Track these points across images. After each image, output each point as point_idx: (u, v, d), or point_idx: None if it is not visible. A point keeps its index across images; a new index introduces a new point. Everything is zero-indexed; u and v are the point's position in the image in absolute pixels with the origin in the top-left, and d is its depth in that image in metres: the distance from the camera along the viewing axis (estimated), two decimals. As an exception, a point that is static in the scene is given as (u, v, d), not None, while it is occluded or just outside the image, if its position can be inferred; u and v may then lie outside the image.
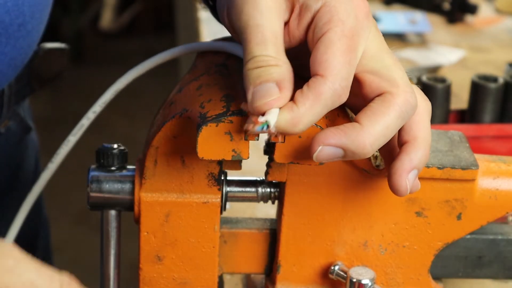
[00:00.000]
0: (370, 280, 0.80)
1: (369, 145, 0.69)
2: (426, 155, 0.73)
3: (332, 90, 0.68)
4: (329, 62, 0.69)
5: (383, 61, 0.72)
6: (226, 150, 0.72)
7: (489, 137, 1.22)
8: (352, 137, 0.69)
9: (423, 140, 0.73)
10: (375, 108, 0.70)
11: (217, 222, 0.81)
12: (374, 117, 0.70)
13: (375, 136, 0.69)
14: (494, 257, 0.87)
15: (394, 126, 0.70)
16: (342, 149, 0.69)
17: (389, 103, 0.70)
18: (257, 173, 0.86)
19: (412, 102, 0.71)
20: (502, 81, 1.25)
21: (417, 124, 0.73)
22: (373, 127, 0.69)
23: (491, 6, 1.92)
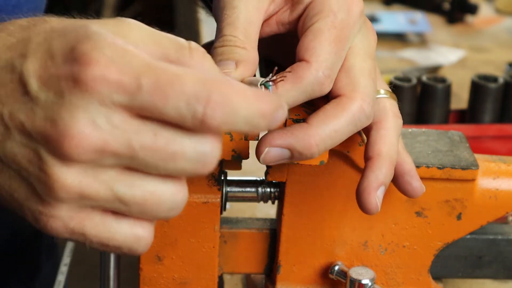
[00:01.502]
0: (370, 280, 0.80)
1: (316, 145, 0.68)
2: (390, 170, 0.72)
3: (314, 76, 0.69)
4: (315, 49, 0.69)
5: (361, 63, 0.72)
6: (226, 150, 0.72)
7: (489, 137, 1.22)
8: (299, 137, 0.68)
9: (387, 156, 0.72)
10: (327, 110, 0.70)
11: (217, 222, 0.81)
12: (324, 119, 0.69)
13: (321, 137, 0.68)
14: (494, 257, 0.87)
15: (344, 131, 0.69)
16: (288, 150, 0.69)
17: (342, 108, 0.70)
18: (257, 173, 0.86)
19: (366, 112, 0.70)
20: (502, 81, 1.25)
21: (382, 139, 0.73)
22: (321, 128, 0.69)
23: (491, 6, 1.92)
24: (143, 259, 0.82)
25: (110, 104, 0.56)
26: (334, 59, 0.70)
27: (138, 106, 0.56)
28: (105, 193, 0.58)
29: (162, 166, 0.57)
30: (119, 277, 0.82)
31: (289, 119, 0.72)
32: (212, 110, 0.55)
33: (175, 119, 0.56)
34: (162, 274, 0.82)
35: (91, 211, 0.59)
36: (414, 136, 0.84)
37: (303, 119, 0.72)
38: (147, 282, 0.82)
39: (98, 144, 0.56)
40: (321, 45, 0.69)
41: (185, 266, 0.82)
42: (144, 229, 0.61)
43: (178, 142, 0.57)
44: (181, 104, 0.55)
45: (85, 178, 0.57)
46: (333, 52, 0.70)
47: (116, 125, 0.56)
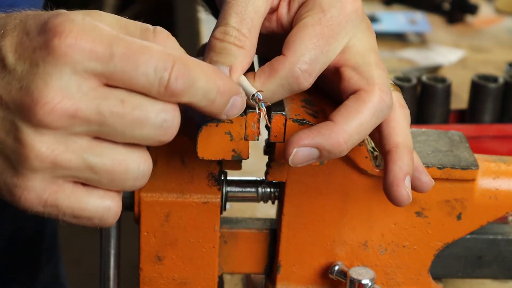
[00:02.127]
0: (370, 280, 0.80)
1: (344, 142, 0.69)
2: (411, 159, 0.73)
3: (289, 70, 0.69)
4: (293, 43, 0.69)
5: (366, 58, 0.72)
6: (226, 150, 0.72)
7: (489, 137, 1.22)
8: (326, 136, 0.69)
9: (404, 145, 0.72)
10: (349, 106, 0.70)
11: (217, 222, 0.81)
12: (348, 115, 0.69)
13: (349, 133, 0.69)
14: (494, 257, 0.87)
15: (369, 124, 0.70)
16: (317, 149, 0.69)
17: (363, 101, 0.70)
18: (257, 173, 0.86)
19: (387, 101, 0.70)
20: (502, 81, 1.25)
21: (395, 130, 0.73)
22: (346, 124, 0.69)
23: (491, 6, 1.92)
24: (143, 259, 0.82)
25: (82, 72, 0.60)
26: (314, 55, 0.69)
27: (109, 73, 0.61)
28: (76, 161, 0.62)
29: (128, 133, 0.62)
30: (119, 277, 0.82)
31: (289, 119, 0.72)
32: (175, 78, 0.61)
33: (143, 86, 0.61)
34: (162, 274, 0.82)
35: (63, 183, 0.63)
36: (414, 136, 0.84)
37: (303, 120, 0.72)
38: (147, 282, 0.82)
39: (70, 110, 0.60)
40: (301, 40, 0.69)
41: (185, 266, 0.82)
42: (113, 200, 0.65)
43: (143, 108, 0.61)
44: (149, 71, 0.61)
45: (58, 146, 0.61)
46: (312, 47, 0.69)
47: (86, 92, 0.60)
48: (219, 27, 0.70)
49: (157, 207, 0.80)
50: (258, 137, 0.73)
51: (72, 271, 2.42)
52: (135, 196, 0.80)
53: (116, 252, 0.82)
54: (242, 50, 0.70)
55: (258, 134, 0.72)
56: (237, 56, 0.69)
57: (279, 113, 0.72)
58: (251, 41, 0.70)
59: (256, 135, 0.72)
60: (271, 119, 0.72)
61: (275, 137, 0.73)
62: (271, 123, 0.72)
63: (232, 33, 0.70)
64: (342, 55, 0.72)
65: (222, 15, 0.71)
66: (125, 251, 0.86)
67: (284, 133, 0.73)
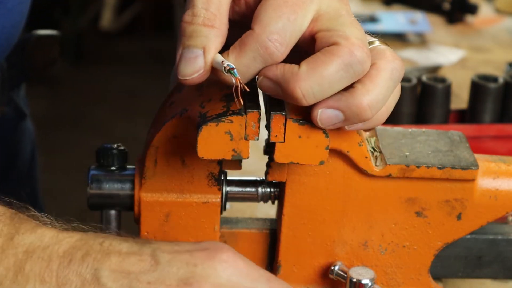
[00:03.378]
0: (370, 280, 0.80)
1: (301, 93, 0.68)
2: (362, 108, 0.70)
3: (257, 41, 0.68)
4: (259, 16, 0.69)
5: (339, 20, 0.71)
6: (226, 150, 0.72)
7: (489, 137, 1.22)
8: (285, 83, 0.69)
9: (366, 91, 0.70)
10: (317, 56, 0.69)
11: (217, 222, 0.81)
12: (313, 65, 0.69)
13: (309, 84, 0.68)
14: (494, 257, 0.87)
15: (334, 77, 0.69)
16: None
17: (331, 53, 0.69)
18: (257, 173, 0.86)
19: (358, 56, 0.69)
20: (502, 81, 1.25)
21: (370, 77, 0.71)
22: (308, 74, 0.68)
23: (491, 6, 1.92)
24: (143, 259, 0.81)
25: None
26: (280, 24, 0.69)
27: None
28: None
29: None
30: (119, 277, 0.82)
31: (289, 119, 0.72)
32: None
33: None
34: (162, 274, 0.82)
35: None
36: (414, 136, 0.84)
37: (303, 119, 0.72)
38: (147, 282, 0.82)
39: None
40: (265, 11, 0.69)
41: (185, 266, 0.82)
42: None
43: None
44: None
45: None
46: (278, 16, 0.69)
47: None
48: (187, 11, 0.70)
49: (157, 207, 0.80)
50: (258, 137, 0.73)
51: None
52: (135, 196, 0.80)
53: (116, 252, 0.81)
54: (213, 30, 0.70)
55: (257, 133, 0.72)
56: (209, 36, 0.69)
57: (279, 113, 0.72)
58: (221, 19, 0.70)
59: (256, 135, 0.72)
60: (272, 119, 0.72)
61: (275, 137, 0.73)
62: (272, 123, 0.72)
63: (200, 13, 0.70)
64: (315, 23, 0.71)
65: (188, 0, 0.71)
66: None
67: (284, 133, 0.73)
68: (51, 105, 3.93)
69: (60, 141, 3.52)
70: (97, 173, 0.81)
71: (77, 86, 4.10)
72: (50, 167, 3.23)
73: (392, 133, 0.83)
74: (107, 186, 0.81)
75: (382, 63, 0.71)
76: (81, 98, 3.96)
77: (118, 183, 0.81)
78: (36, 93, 3.86)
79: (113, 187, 0.81)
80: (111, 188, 0.81)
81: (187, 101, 0.77)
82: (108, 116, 3.80)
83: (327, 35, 0.70)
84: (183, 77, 0.70)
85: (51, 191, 3.13)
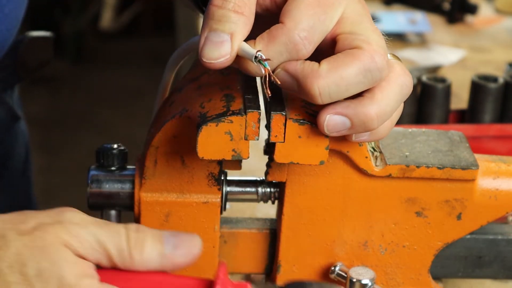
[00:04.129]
0: (370, 280, 0.80)
1: (318, 90, 0.68)
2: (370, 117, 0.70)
3: (287, 36, 0.68)
4: (290, 11, 0.69)
5: (362, 25, 0.72)
6: (226, 150, 0.72)
7: (489, 137, 1.22)
8: (303, 80, 0.69)
9: (376, 100, 0.70)
10: (338, 57, 0.69)
11: (217, 222, 0.81)
12: (334, 64, 0.69)
13: (327, 82, 0.68)
14: (494, 257, 0.87)
15: (353, 80, 0.69)
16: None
17: (352, 56, 0.69)
18: (257, 173, 0.86)
19: (378, 63, 0.69)
20: (502, 81, 1.25)
21: (380, 88, 0.71)
22: (328, 73, 0.68)
23: (491, 6, 1.92)
24: (143, 259, 0.81)
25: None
26: (311, 22, 0.69)
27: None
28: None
29: None
30: (119, 277, 0.82)
31: (289, 119, 0.72)
32: None
33: None
34: (162, 274, 0.82)
35: None
36: (414, 136, 0.84)
37: (303, 119, 0.72)
38: (147, 282, 0.82)
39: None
40: (298, 8, 0.69)
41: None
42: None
43: None
44: None
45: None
46: (310, 15, 0.69)
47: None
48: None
49: (157, 207, 0.80)
50: (258, 137, 0.73)
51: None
52: (135, 196, 0.80)
53: (116, 252, 0.81)
54: (242, 17, 0.69)
55: (257, 132, 0.72)
56: (238, 23, 0.69)
57: (279, 113, 0.72)
58: (250, 8, 0.70)
59: (256, 135, 0.72)
60: (272, 119, 0.72)
61: (275, 137, 0.73)
62: (272, 123, 0.72)
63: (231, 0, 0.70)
64: (338, 25, 0.71)
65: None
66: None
67: (284, 133, 0.73)
68: (51, 105, 3.93)
69: (60, 141, 3.52)
70: (97, 173, 0.81)
71: (77, 86, 4.10)
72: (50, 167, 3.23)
73: (392, 133, 0.83)
74: (107, 186, 0.81)
75: (393, 76, 0.72)
76: (81, 98, 3.96)
77: (118, 183, 0.81)
78: (36, 93, 3.86)
79: (113, 187, 0.81)
80: (111, 188, 0.81)
81: (187, 101, 0.77)
82: (108, 116, 3.80)
83: (349, 38, 0.70)
84: (208, 60, 0.69)
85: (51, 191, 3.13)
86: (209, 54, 0.69)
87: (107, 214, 0.82)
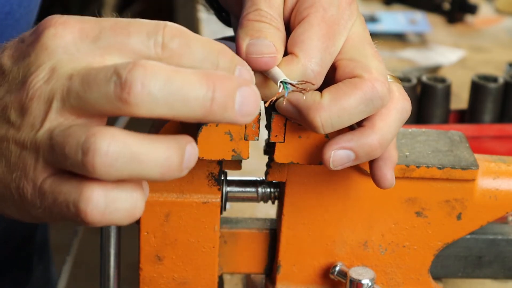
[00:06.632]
0: (370, 280, 0.80)
1: (320, 121, 0.68)
2: (373, 144, 0.70)
3: (301, 71, 0.68)
4: (305, 43, 0.69)
5: (362, 50, 0.71)
6: (226, 150, 0.72)
7: (489, 137, 1.22)
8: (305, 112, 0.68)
9: (378, 129, 0.70)
10: (339, 87, 0.69)
11: (217, 222, 0.81)
12: (336, 95, 0.68)
13: (329, 114, 0.68)
14: (494, 257, 0.87)
15: (355, 110, 0.69)
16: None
17: (354, 86, 0.69)
18: (257, 173, 0.86)
19: (380, 91, 0.69)
20: (502, 81, 1.25)
21: (380, 116, 0.71)
22: (329, 105, 0.68)
23: (491, 6, 1.92)
24: (143, 259, 0.82)
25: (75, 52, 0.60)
26: (323, 56, 0.69)
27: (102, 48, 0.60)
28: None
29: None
30: (119, 277, 0.82)
31: (289, 119, 0.72)
32: (170, 38, 0.59)
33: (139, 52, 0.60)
34: (162, 274, 0.82)
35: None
36: (414, 136, 0.84)
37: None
38: (147, 282, 0.82)
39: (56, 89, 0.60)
40: (311, 40, 0.69)
41: (185, 266, 0.82)
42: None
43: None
44: (142, 36, 0.59)
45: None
46: (323, 49, 0.69)
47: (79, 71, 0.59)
48: (251, 12, 0.70)
49: (157, 207, 0.80)
50: (258, 137, 0.73)
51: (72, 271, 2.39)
52: (135, 196, 0.80)
53: (116, 252, 0.82)
54: (279, 32, 0.69)
55: (257, 132, 0.72)
56: (278, 35, 0.69)
57: (279, 113, 0.72)
58: (282, 24, 0.70)
59: (256, 135, 0.72)
60: (272, 119, 0.72)
61: (275, 137, 0.73)
62: (272, 123, 0.72)
63: (267, 15, 0.69)
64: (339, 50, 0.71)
65: (248, 2, 0.70)
66: (125, 251, 0.86)
67: (284, 133, 0.73)
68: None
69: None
70: (97, 173, 0.81)
71: (77, 86, 4.09)
72: (50, 167, 3.22)
73: (392, 133, 0.83)
74: (107, 186, 0.81)
75: (393, 103, 0.71)
76: (81, 98, 3.95)
77: (118, 183, 0.81)
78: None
79: (113, 187, 0.81)
80: (111, 188, 0.81)
81: (187, 101, 0.77)
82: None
83: (350, 66, 0.70)
84: (256, 54, 0.68)
85: (51, 191, 3.12)
86: (257, 49, 0.68)
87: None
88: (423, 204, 0.82)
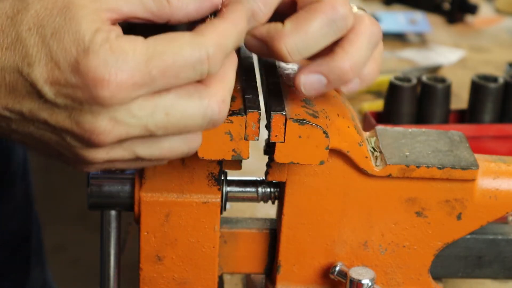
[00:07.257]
0: (370, 280, 0.80)
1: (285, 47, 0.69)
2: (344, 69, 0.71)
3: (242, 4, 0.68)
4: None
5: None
6: (226, 150, 0.72)
7: (489, 137, 1.22)
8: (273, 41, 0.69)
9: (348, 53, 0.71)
10: (300, 13, 0.70)
11: (217, 222, 0.81)
12: (297, 21, 0.69)
13: (294, 40, 0.69)
14: (494, 257, 0.87)
15: (319, 33, 0.69)
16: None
17: (314, 10, 0.69)
18: (257, 173, 0.86)
19: (341, 11, 0.69)
20: (502, 81, 1.25)
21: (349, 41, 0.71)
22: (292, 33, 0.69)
23: (491, 6, 1.92)
24: (143, 259, 0.82)
25: (129, 101, 0.62)
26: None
27: (155, 90, 0.63)
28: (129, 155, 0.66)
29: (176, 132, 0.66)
30: (119, 277, 0.82)
31: (289, 119, 0.72)
32: (213, 65, 0.63)
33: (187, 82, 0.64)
34: (162, 274, 0.82)
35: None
36: (414, 136, 0.84)
37: (303, 119, 0.72)
38: (147, 282, 0.82)
39: (121, 135, 0.64)
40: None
41: (185, 266, 0.82)
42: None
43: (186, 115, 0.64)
44: (189, 73, 0.63)
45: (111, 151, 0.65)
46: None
47: (134, 115, 0.63)
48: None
49: (157, 207, 0.80)
50: (258, 137, 0.73)
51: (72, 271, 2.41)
52: (135, 196, 0.80)
53: (116, 252, 0.82)
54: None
55: (257, 133, 0.72)
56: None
57: (279, 113, 0.72)
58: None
59: (256, 135, 0.72)
60: (272, 119, 0.72)
61: (275, 137, 0.73)
62: (272, 123, 0.72)
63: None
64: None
65: None
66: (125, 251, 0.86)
67: (284, 133, 0.73)
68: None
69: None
70: (97, 173, 0.81)
71: (77, 86, 4.09)
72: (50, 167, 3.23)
73: (392, 133, 0.83)
74: (107, 186, 0.81)
75: (361, 28, 0.72)
76: (81, 98, 3.95)
77: (118, 183, 0.81)
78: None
79: (113, 187, 0.81)
80: (111, 188, 0.81)
81: (187, 101, 0.77)
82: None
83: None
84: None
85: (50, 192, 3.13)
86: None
87: (107, 214, 0.82)
88: (423, 204, 0.82)
